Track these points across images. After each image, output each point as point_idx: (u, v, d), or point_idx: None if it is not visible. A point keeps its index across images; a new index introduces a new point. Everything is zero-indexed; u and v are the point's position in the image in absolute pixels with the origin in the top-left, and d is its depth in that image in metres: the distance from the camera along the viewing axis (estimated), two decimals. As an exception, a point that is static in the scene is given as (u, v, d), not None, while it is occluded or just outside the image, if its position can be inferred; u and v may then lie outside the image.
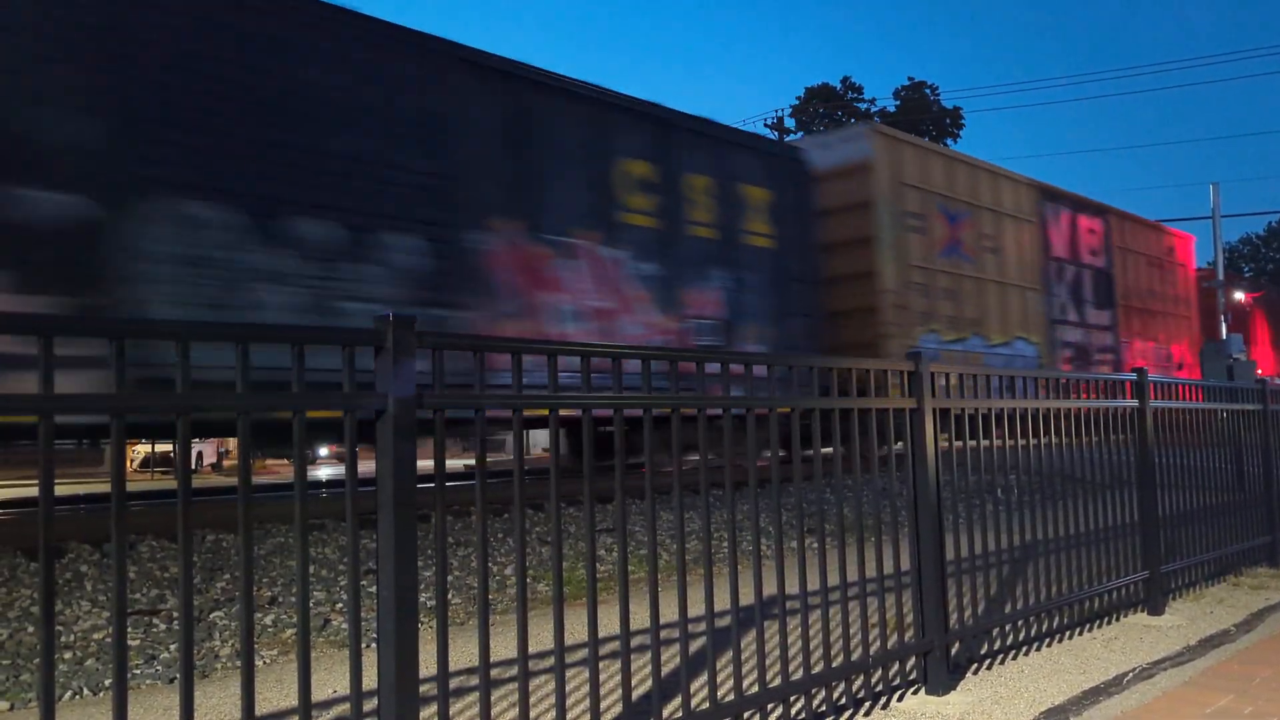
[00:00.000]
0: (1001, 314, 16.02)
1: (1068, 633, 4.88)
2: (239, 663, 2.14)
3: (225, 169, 7.59)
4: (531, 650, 3.32)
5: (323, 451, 28.45)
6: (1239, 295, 27.70)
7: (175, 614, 5.14)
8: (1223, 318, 24.23)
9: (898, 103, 45.03)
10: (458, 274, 9.02)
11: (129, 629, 4.79)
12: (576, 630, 4.11)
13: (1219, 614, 5.47)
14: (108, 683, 4.17)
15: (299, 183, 7.99)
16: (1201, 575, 6.21)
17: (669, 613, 3.20)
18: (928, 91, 45.45)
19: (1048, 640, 4.73)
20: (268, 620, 5.15)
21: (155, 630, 4.96)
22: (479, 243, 9.21)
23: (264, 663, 4.54)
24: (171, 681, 4.22)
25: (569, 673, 3.85)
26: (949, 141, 44.03)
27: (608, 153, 10.51)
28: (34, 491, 2.05)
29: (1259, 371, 22.69)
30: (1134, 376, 5.75)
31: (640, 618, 3.46)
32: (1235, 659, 4.44)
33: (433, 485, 2.50)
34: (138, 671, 4.30)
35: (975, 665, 4.27)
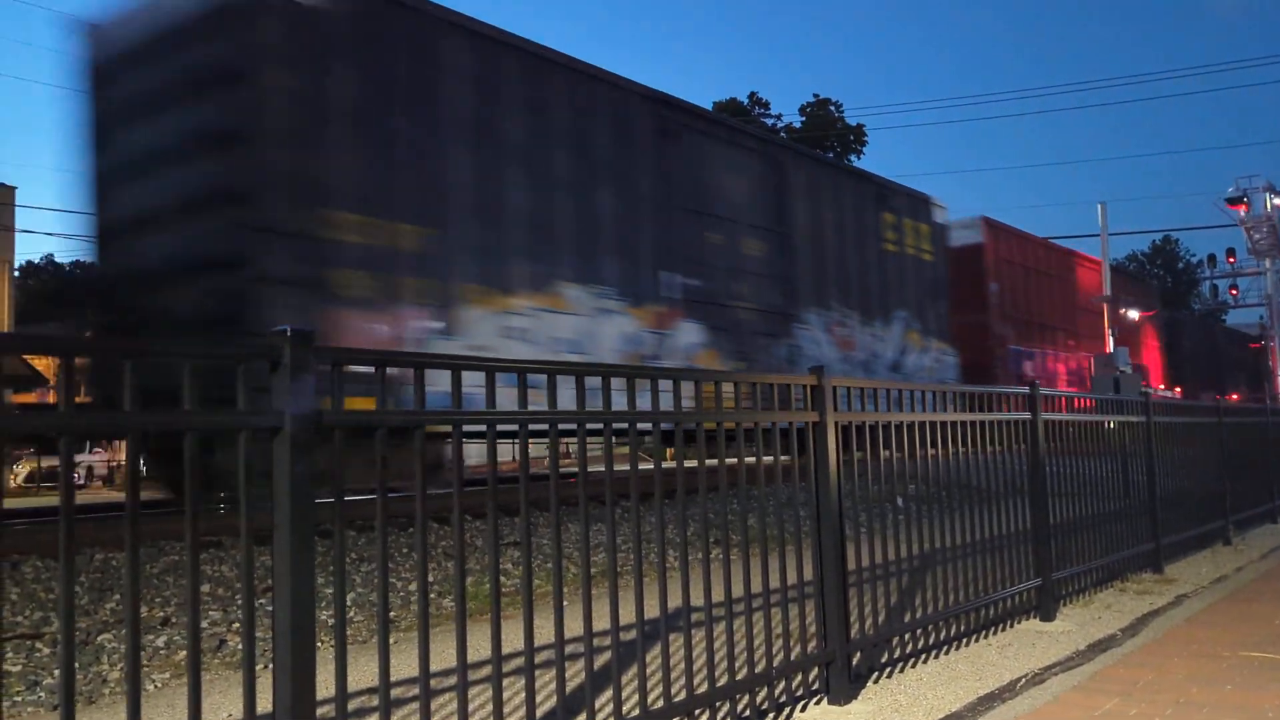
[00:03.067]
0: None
1: (964, 640, 5.00)
2: (126, 687, 2.06)
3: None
4: (434, 668, 3.26)
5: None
6: (1133, 314, 28.89)
7: (60, 637, 4.93)
8: (1110, 332, 25.23)
9: (803, 119, 45.84)
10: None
11: (10, 653, 4.59)
12: (481, 647, 4.07)
13: (1106, 619, 5.67)
14: (-15, 711, 3.98)
15: None
16: (1090, 582, 6.44)
17: (574, 627, 3.19)
18: (832, 109, 46.39)
19: (945, 648, 4.84)
20: (159, 642, 4.98)
21: (39, 654, 4.75)
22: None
23: (155, 687, 4.39)
24: (55, 709, 4.05)
25: (473, 690, 3.80)
26: (852, 158, 44.96)
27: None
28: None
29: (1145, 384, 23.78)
30: (1027, 390, 5.94)
31: (545, 633, 3.44)
32: (1121, 663, 4.61)
33: (332, 500, 2.45)
34: (19, 699, 4.11)
35: (876, 674, 4.35)
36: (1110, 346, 24.70)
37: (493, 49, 10.33)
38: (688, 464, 3.57)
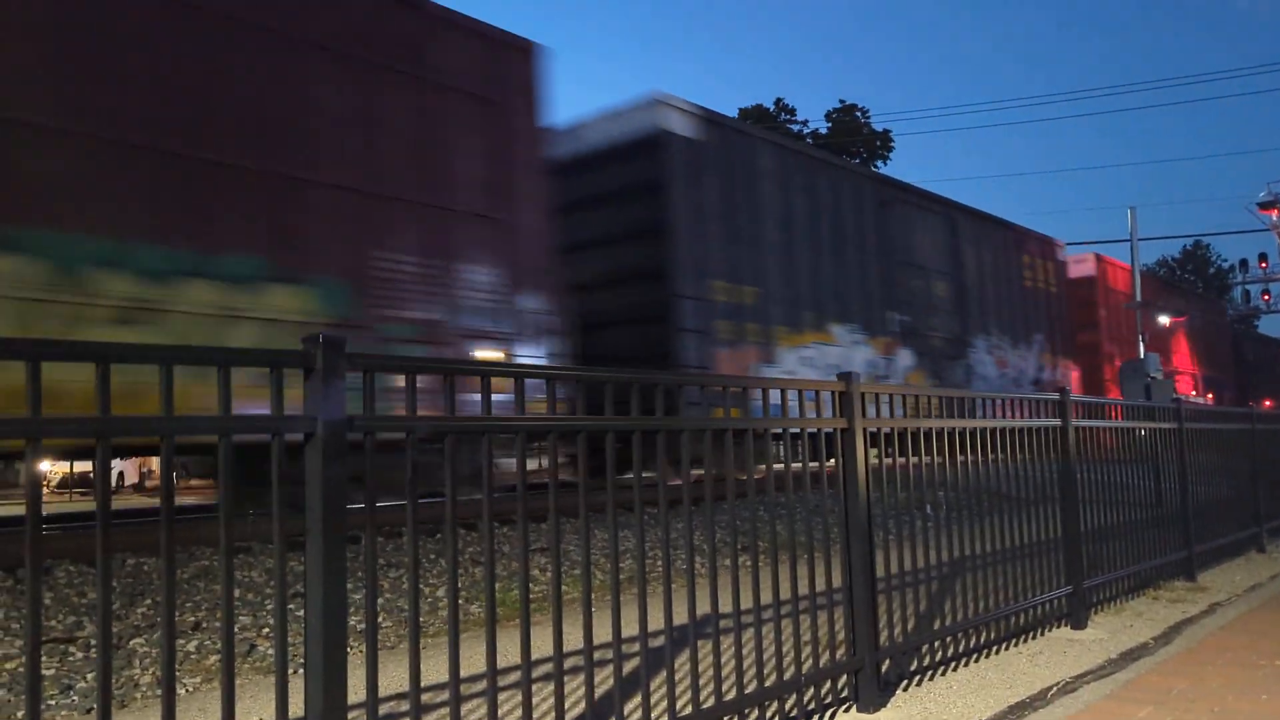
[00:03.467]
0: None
1: (994, 648, 4.96)
2: (159, 691, 2.08)
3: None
4: (464, 674, 3.26)
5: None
6: (1163, 320, 28.85)
7: (92, 641, 4.98)
8: (1140, 337, 24.98)
9: (829, 125, 45.69)
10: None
11: (43, 657, 4.64)
12: (509, 652, 4.08)
13: (1139, 627, 5.61)
14: (20, 715, 4.02)
15: None
16: (1122, 590, 6.37)
17: (603, 633, 3.20)
18: (859, 115, 46.22)
19: (975, 655, 4.80)
20: (191, 647, 5.02)
21: (72, 658, 4.80)
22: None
23: (186, 691, 4.42)
24: (88, 712, 4.09)
25: (501, 696, 3.81)
26: (879, 164, 44.77)
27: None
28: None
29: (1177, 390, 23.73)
30: (1057, 396, 5.90)
31: (574, 639, 3.44)
32: (1154, 671, 4.56)
33: (362, 506, 2.47)
34: (52, 702, 4.16)
35: (905, 682, 4.32)
36: (1141, 352, 24.47)
37: (784, 154, 14.23)
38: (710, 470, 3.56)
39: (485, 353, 9.60)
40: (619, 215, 12.51)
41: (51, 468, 25.22)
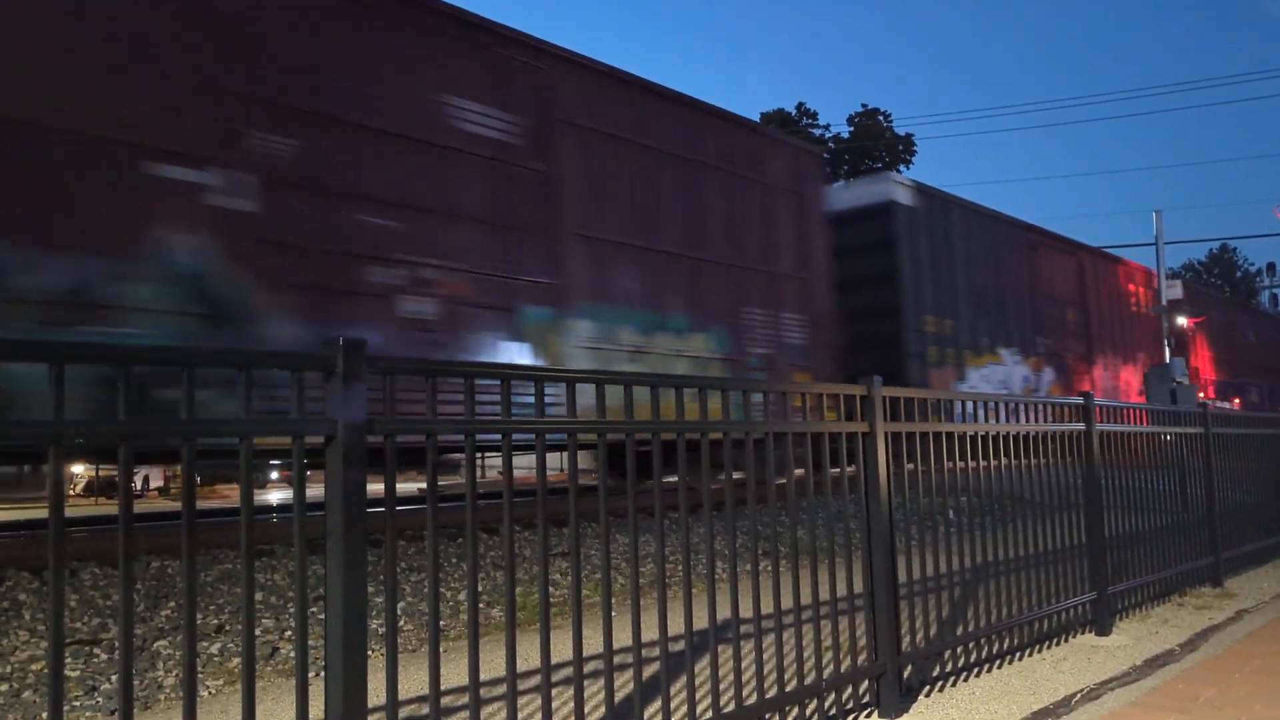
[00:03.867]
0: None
1: (1018, 654, 4.92)
2: (183, 693, 2.08)
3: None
4: (484, 677, 3.28)
5: (273, 475, 28.03)
6: (1181, 320, 28.67)
7: (116, 643, 5.02)
8: (1166, 342, 24.75)
9: (851, 129, 45.57)
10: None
11: (68, 659, 4.68)
12: (529, 656, 4.08)
13: (1164, 634, 5.55)
14: (44, 716, 4.06)
15: None
16: (1147, 596, 6.30)
17: (623, 637, 3.19)
18: (881, 118, 46.07)
19: (998, 662, 4.76)
20: (213, 649, 5.05)
21: (96, 660, 4.84)
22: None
23: (209, 693, 4.45)
24: (113, 714, 4.12)
25: (521, 700, 3.81)
26: (902, 168, 44.58)
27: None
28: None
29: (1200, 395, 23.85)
30: (1080, 401, 5.84)
31: (594, 643, 3.44)
32: (1180, 679, 4.51)
33: (383, 510, 2.47)
34: (77, 704, 4.19)
35: (927, 688, 4.29)
36: (1167, 356, 24.25)
37: (966, 211, 18.06)
38: (737, 475, 3.55)
39: (800, 377, 12.70)
40: (859, 264, 15.66)
41: (82, 470, 25.47)
